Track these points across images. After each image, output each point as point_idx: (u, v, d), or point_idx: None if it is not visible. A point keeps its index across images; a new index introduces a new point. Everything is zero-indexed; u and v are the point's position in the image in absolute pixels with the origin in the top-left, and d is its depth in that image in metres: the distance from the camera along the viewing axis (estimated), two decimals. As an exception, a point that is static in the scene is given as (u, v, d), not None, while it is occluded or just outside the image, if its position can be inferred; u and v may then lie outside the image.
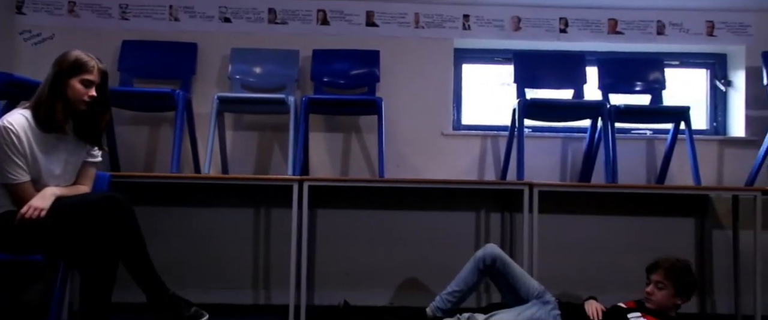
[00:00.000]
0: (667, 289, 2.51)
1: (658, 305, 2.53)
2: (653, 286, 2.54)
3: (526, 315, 2.56)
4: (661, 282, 2.52)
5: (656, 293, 2.53)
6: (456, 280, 2.72)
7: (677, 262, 2.55)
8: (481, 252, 2.73)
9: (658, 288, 2.53)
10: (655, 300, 2.53)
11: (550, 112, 3.22)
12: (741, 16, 3.58)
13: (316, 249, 3.52)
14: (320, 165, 3.55)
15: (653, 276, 2.55)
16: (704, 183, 3.51)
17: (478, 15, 3.60)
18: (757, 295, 2.98)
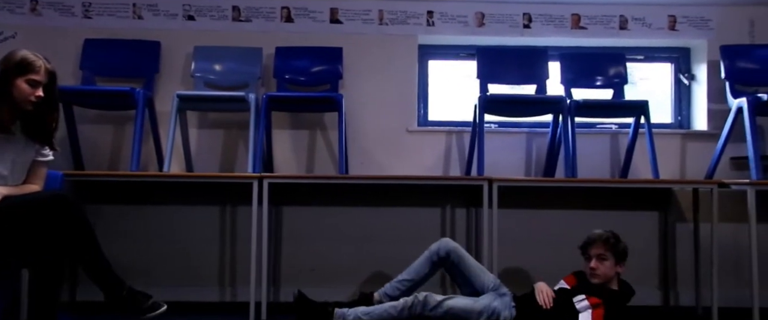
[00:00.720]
0: (609, 260, 2.59)
1: (603, 277, 2.59)
2: (596, 261, 2.59)
3: (483, 302, 2.60)
4: (602, 254, 2.59)
5: (600, 266, 2.59)
6: (408, 270, 2.80)
7: (608, 233, 2.64)
8: (436, 244, 2.81)
9: (601, 261, 2.58)
10: (601, 273, 2.59)
11: (510, 107, 3.24)
12: (702, 11, 3.60)
13: (282, 246, 3.54)
14: (285, 162, 3.55)
15: (592, 250, 2.61)
16: (667, 176, 3.55)
17: (441, 11, 3.61)
18: (714, 287, 3.01)
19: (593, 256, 2.60)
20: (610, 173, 3.60)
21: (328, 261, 3.52)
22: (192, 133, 3.47)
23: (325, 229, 3.54)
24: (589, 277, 2.62)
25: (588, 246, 2.63)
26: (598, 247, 2.59)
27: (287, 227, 3.54)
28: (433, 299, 2.55)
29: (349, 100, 3.56)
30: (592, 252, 2.60)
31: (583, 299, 2.54)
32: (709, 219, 3.11)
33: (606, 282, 2.61)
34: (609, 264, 2.58)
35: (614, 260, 2.59)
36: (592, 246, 2.61)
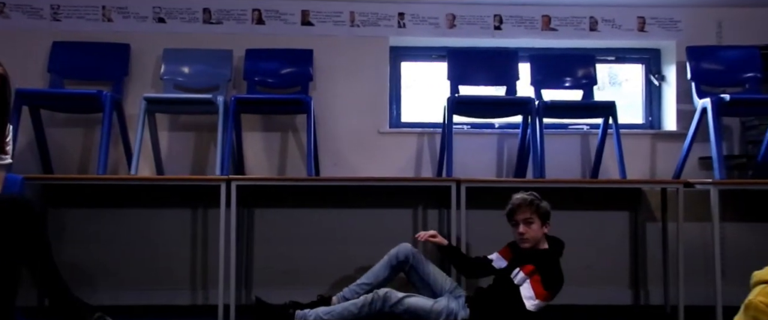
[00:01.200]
0: (535, 222, 2.63)
1: (533, 241, 2.63)
2: (523, 225, 2.62)
3: (442, 303, 2.64)
4: (529, 218, 2.62)
5: (528, 230, 2.62)
6: (367, 274, 2.83)
7: (530, 195, 2.68)
8: (395, 249, 2.85)
9: (528, 225, 2.62)
10: (530, 237, 2.62)
11: (479, 108, 3.25)
12: (671, 12, 3.63)
13: (254, 249, 3.53)
14: (257, 164, 3.55)
15: (518, 216, 2.64)
16: (638, 176, 3.58)
17: (413, 13, 3.62)
18: (680, 286, 3.03)
19: (520, 221, 2.63)
20: (582, 173, 3.62)
21: (300, 264, 3.52)
22: (163, 136, 3.47)
23: (298, 231, 3.53)
24: (519, 243, 2.67)
25: (513, 213, 2.66)
26: (523, 212, 2.62)
27: (259, 229, 3.53)
28: (393, 296, 2.57)
29: (321, 102, 3.58)
30: (519, 218, 2.63)
31: (518, 272, 2.58)
32: (677, 219, 3.14)
33: (536, 245, 2.65)
34: (536, 227, 2.62)
35: (540, 221, 2.63)
36: (517, 212, 2.64)
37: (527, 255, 2.62)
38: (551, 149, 3.58)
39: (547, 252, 2.66)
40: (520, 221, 2.62)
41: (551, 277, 2.57)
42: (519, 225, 2.62)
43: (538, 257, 2.61)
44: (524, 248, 2.64)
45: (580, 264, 3.56)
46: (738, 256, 3.55)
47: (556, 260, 2.67)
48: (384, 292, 2.59)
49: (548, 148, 3.56)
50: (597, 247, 3.56)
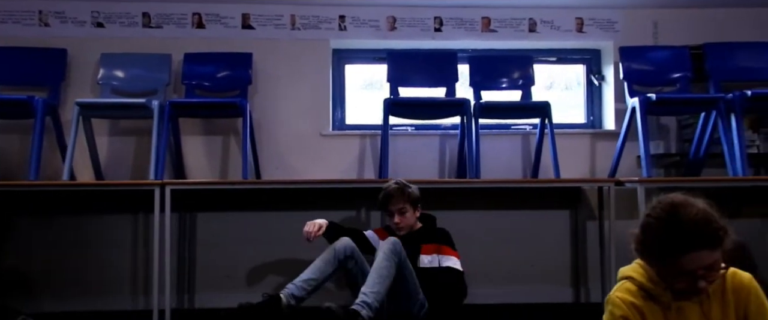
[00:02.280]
0: (409, 210, 2.69)
1: (408, 228, 2.71)
2: (398, 215, 2.69)
3: None
4: (402, 207, 2.68)
5: (403, 219, 2.69)
6: (312, 269, 2.70)
7: (399, 184, 2.73)
8: (340, 244, 2.75)
9: (403, 214, 2.68)
10: (405, 225, 2.70)
11: (415, 110, 3.28)
12: (608, 13, 3.68)
13: (197, 253, 3.52)
14: (198, 168, 3.54)
15: (392, 207, 2.69)
16: (578, 175, 3.62)
17: (353, 15, 3.64)
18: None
19: (395, 212, 2.68)
20: (523, 173, 3.66)
21: (243, 267, 3.52)
22: (104, 141, 3.45)
23: (241, 235, 3.53)
24: (395, 231, 2.71)
25: (386, 203, 2.70)
26: (396, 202, 2.67)
27: (202, 233, 3.52)
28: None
29: (262, 105, 3.59)
30: (393, 208, 2.68)
31: (433, 257, 2.65)
32: (616, 217, 3.20)
33: (411, 228, 2.71)
34: (410, 215, 2.68)
35: (412, 209, 2.70)
36: (390, 203, 2.68)
37: (418, 238, 2.68)
38: (493, 149, 3.64)
39: (428, 225, 2.76)
40: (395, 211, 2.67)
41: (452, 241, 2.72)
42: (394, 215, 2.67)
43: (427, 233, 2.69)
44: (401, 235, 2.68)
45: (521, 262, 3.60)
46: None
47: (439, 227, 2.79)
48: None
49: (491, 148, 3.63)
50: (538, 246, 3.60)
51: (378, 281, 2.47)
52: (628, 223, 3.36)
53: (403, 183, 2.70)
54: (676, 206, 1.29)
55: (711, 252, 1.24)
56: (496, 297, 3.53)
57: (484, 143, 3.61)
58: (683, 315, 1.33)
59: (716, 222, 1.26)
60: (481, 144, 3.60)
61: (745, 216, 3.62)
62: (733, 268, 1.37)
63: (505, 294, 3.55)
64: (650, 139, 3.60)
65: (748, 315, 1.33)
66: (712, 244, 1.25)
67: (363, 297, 2.44)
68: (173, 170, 3.43)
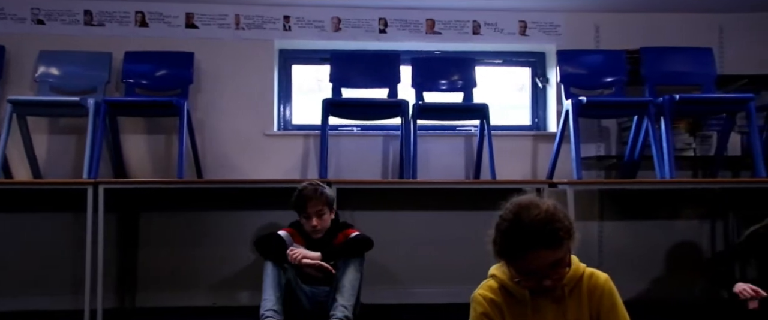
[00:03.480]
0: (326, 213, 2.62)
1: (324, 231, 2.63)
2: (316, 218, 2.60)
3: None
4: (320, 210, 2.60)
5: (320, 222, 2.61)
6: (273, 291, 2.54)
7: (314, 185, 2.66)
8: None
9: (320, 216, 2.60)
10: (322, 228, 2.62)
11: (354, 110, 3.30)
12: (551, 17, 3.73)
13: (139, 252, 3.52)
14: (141, 167, 3.53)
15: (310, 209, 2.60)
16: (521, 177, 3.67)
17: (298, 16, 3.65)
18: None
19: (312, 214, 2.59)
20: (466, 174, 3.69)
21: (186, 266, 3.51)
22: (43, 139, 3.43)
23: (184, 234, 3.53)
24: (311, 234, 2.63)
25: (304, 205, 2.60)
26: (314, 205, 2.58)
27: (145, 233, 3.52)
28: None
29: (206, 105, 3.59)
30: (310, 211, 2.59)
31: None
32: None
33: (327, 234, 2.65)
34: (326, 217, 2.62)
35: (329, 211, 2.64)
36: (308, 205, 2.60)
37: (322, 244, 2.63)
38: (439, 150, 3.67)
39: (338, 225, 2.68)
40: (313, 214, 2.59)
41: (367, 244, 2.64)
42: (311, 218, 2.59)
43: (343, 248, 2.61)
44: (316, 238, 2.63)
45: (466, 262, 3.61)
46: (617, 253, 3.66)
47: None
48: None
49: (435, 149, 3.66)
50: (482, 247, 3.61)
51: (352, 293, 2.50)
52: (581, 224, 3.49)
53: (317, 184, 2.65)
54: (520, 208, 1.33)
55: (552, 252, 1.29)
56: (439, 297, 3.56)
57: (429, 144, 3.68)
58: (540, 312, 1.37)
59: (558, 222, 1.30)
60: (427, 145, 3.68)
61: (684, 218, 3.70)
62: (591, 269, 1.41)
63: (448, 294, 3.57)
64: (591, 141, 3.70)
65: (600, 314, 1.37)
66: (552, 244, 1.29)
67: (344, 310, 2.45)
68: (114, 169, 3.42)
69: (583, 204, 3.66)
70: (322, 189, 2.66)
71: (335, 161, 3.65)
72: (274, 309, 2.43)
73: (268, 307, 2.44)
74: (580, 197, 3.64)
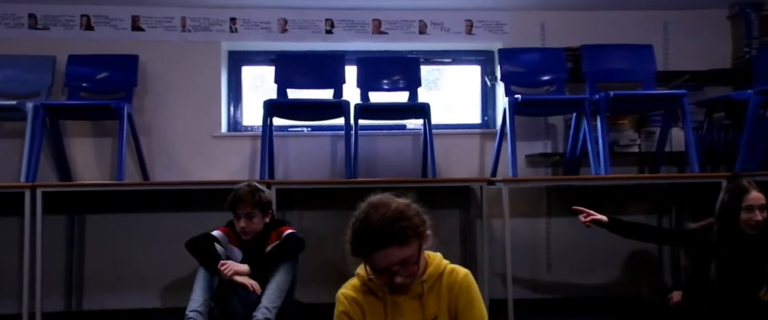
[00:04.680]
0: (257, 215, 2.59)
1: (253, 233, 2.60)
2: (245, 220, 2.57)
3: None
4: (250, 212, 2.57)
5: (250, 224, 2.58)
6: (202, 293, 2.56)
7: (251, 187, 2.62)
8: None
9: (250, 219, 2.58)
10: (251, 230, 2.59)
11: (296, 111, 3.32)
12: (497, 15, 3.75)
13: (85, 254, 3.53)
14: (89, 170, 3.54)
15: (240, 211, 2.57)
16: (468, 174, 3.69)
17: (244, 18, 3.66)
18: (484, 280, 3.13)
19: (242, 216, 2.57)
20: (414, 173, 3.71)
21: (133, 268, 3.52)
22: (-11, 143, 3.44)
23: (131, 236, 3.54)
24: (241, 235, 2.62)
25: (235, 206, 2.59)
26: (245, 206, 2.56)
27: (92, 235, 3.53)
28: None
29: (153, 107, 3.61)
30: (241, 212, 2.58)
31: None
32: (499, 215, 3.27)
33: (257, 237, 2.63)
34: (257, 220, 2.59)
35: (261, 214, 2.60)
36: (239, 206, 2.58)
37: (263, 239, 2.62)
38: (386, 149, 3.70)
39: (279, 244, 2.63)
40: (242, 215, 2.57)
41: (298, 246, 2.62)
42: (241, 219, 2.58)
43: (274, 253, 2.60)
44: (246, 239, 2.63)
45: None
46: (564, 250, 3.70)
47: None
48: None
49: (384, 148, 3.69)
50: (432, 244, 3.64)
51: (278, 295, 2.48)
52: (526, 221, 3.56)
53: (254, 187, 2.64)
54: (370, 207, 1.36)
55: (400, 250, 1.31)
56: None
57: (379, 144, 3.71)
58: (398, 308, 1.40)
59: (406, 221, 1.33)
60: (377, 144, 3.71)
61: (631, 214, 3.72)
62: (453, 265, 1.43)
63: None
64: (538, 139, 3.73)
65: (458, 309, 1.39)
66: (399, 241, 1.31)
67: (266, 312, 2.43)
68: (58, 172, 3.43)
69: (530, 201, 3.70)
70: (258, 192, 2.64)
71: (284, 161, 3.67)
72: (198, 310, 2.45)
73: (193, 308, 2.46)
74: (527, 194, 3.69)
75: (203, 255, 2.56)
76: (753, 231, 2.39)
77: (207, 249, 2.56)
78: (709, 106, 3.38)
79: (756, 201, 2.37)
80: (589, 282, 3.64)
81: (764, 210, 2.38)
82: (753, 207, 2.37)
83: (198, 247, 2.57)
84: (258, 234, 2.62)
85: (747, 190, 2.38)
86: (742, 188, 2.40)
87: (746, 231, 2.40)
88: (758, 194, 2.38)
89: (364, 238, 1.32)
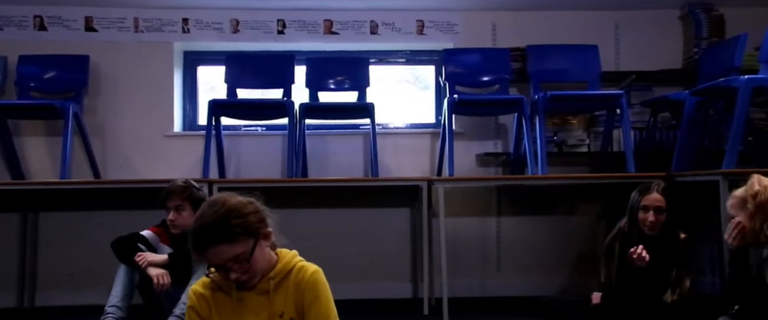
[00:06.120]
0: (187, 209, 2.59)
1: (182, 227, 2.60)
2: (174, 212, 2.59)
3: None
4: (180, 205, 2.59)
5: (179, 217, 2.59)
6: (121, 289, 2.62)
7: (184, 182, 2.65)
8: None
9: (179, 211, 2.59)
10: (179, 224, 2.60)
11: (242, 111, 3.36)
12: (448, 16, 3.77)
13: (38, 252, 3.58)
14: (42, 169, 3.59)
15: (170, 203, 2.60)
16: (420, 174, 3.72)
17: (197, 18, 3.70)
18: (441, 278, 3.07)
19: (172, 208, 2.61)
20: (364, 172, 3.74)
21: (86, 265, 3.56)
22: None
23: (85, 234, 3.58)
24: (171, 229, 2.65)
25: (166, 199, 2.62)
26: (175, 199, 2.60)
27: (45, 233, 3.58)
28: None
29: (105, 107, 3.66)
30: (170, 205, 2.61)
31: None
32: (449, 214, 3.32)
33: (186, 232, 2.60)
34: (186, 214, 2.59)
35: (192, 210, 2.60)
36: (169, 199, 2.61)
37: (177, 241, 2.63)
38: (338, 149, 3.73)
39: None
40: (172, 208, 2.61)
41: None
42: (170, 211, 2.61)
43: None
44: (174, 233, 2.65)
45: (364, 259, 3.69)
46: (514, 249, 3.72)
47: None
48: None
49: (335, 148, 3.73)
50: (381, 243, 3.69)
51: None
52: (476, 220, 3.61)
53: (189, 184, 2.68)
54: (207, 204, 1.39)
55: (230, 247, 1.34)
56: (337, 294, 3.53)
57: (329, 143, 3.74)
58: (245, 304, 1.43)
59: (238, 218, 1.36)
60: (328, 144, 3.74)
61: (580, 214, 3.75)
62: (304, 263, 1.47)
63: (346, 291, 3.59)
64: (489, 138, 3.75)
65: (304, 306, 1.42)
66: (228, 239, 1.34)
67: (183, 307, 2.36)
68: (10, 171, 3.47)
69: (481, 200, 3.73)
70: (190, 188, 2.67)
71: (236, 160, 3.71)
72: (117, 305, 2.50)
73: (112, 303, 2.50)
74: (477, 193, 3.72)
75: (123, 252, 2.59)
76: (649, 231, 2.41)
77: (129, 246, 2.60)
78: (653, 107, 3.39)
79: (652, 203, 2.40)
80: (539, 281, 3.66)
81: (661, 212, 2.41)
82: (649, 207, 2.40)
83: (121, 246, 2.61)
84: (188, 230, 2.65)
85: (649, 191, 2.41)
86: (646, 189, 2.43)
87: (645, 231, 2.42)
88: (658, 196, 2.41)
89: (196, 235, 1.36)
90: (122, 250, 2.60)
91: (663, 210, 2.42)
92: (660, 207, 2.42)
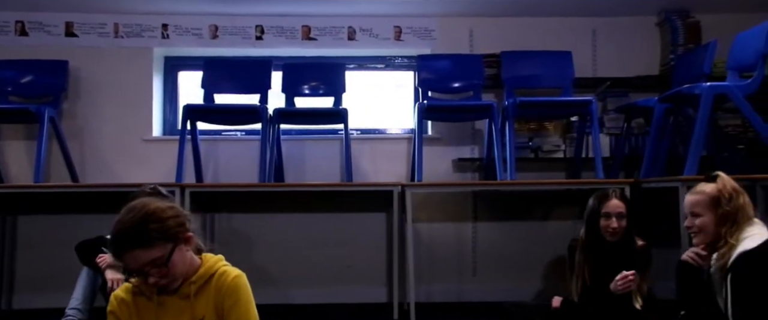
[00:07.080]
0: None
1: None
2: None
3: None
4: None
5: None
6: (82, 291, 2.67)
7: (154, 189, 2.63)
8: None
9: None
10: None
11: (217, 116, 3.39)
12: (426, 22, 3.79)
13: (17, 255, 3.62)
14: (21, 173, 3.64)
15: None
16: (396, 179, 3.72)
17: (176, 24, 3.74)
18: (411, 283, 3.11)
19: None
20: (341, 177, 3.75)
21: (64, 268, 3.56)
22: None
23: (63, 237, 3.58)
24: None
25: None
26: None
27: (23, 236, 3.62)
28: None
29: (85, 111, 3.70)
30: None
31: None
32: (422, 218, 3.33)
33: None
34: None
35: None
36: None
37: None
38: (315, 154, 3.76)
39: None
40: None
41: None
42: None
43: None
44: None
45: (340, 264, 3.71)
46: (490, 254, 3.72)
47: None
48: None
49: (312, 153, 3.75)
50: (357, 248, 3.71)
51: None
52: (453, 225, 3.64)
53: (157, 189, 2.68)
54: (126, 209, 1.40)
55: (145, 251, 1.35)
56: (313, 298, 3.64)
57: (307, 148, 3.77)
58: (166, 309, 1.44)
59: (155, 223, 1.37)
60: (305, 149, 3.77)
61: (556, 219, 3.75)
62: (227, 267, 1.48)
63: (322, 295, 3.66)
64: (465, 144, 3.76)
65: (224, 311, 1.44)
66: (143, 244, 1.35)
67: None
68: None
69: (457, 205, 3.74)
70: (157, 193, 2.68)
71: (214, 164, 3.74)
72: (78, 308, 2.53)
73: (73, 306, 2.54)
74: (453, 198, 3.73)
75: (86, 254, 2.62)
76: (611, 238, 2.42)
77: (91, 249, 2.63)
78: (626, 113, 3.40)
79: (614, 209, 2.41)
80: (515, 286, 3.66)
81: (622, 218, 2.42)
82: (610, 214, 2.41)
83: (84, 248, 2.64)
84: None
85: (608, 197, 2.42)
86: (604, 196, 2.44)
87: (607, 238, 2.43)
88: (618, 202, 2.42)
89: (113, 241, 1.38)
90: (85, 253, 2.63)
91: (624, 216, 2.43)
92: (621, 212, 2.43)
